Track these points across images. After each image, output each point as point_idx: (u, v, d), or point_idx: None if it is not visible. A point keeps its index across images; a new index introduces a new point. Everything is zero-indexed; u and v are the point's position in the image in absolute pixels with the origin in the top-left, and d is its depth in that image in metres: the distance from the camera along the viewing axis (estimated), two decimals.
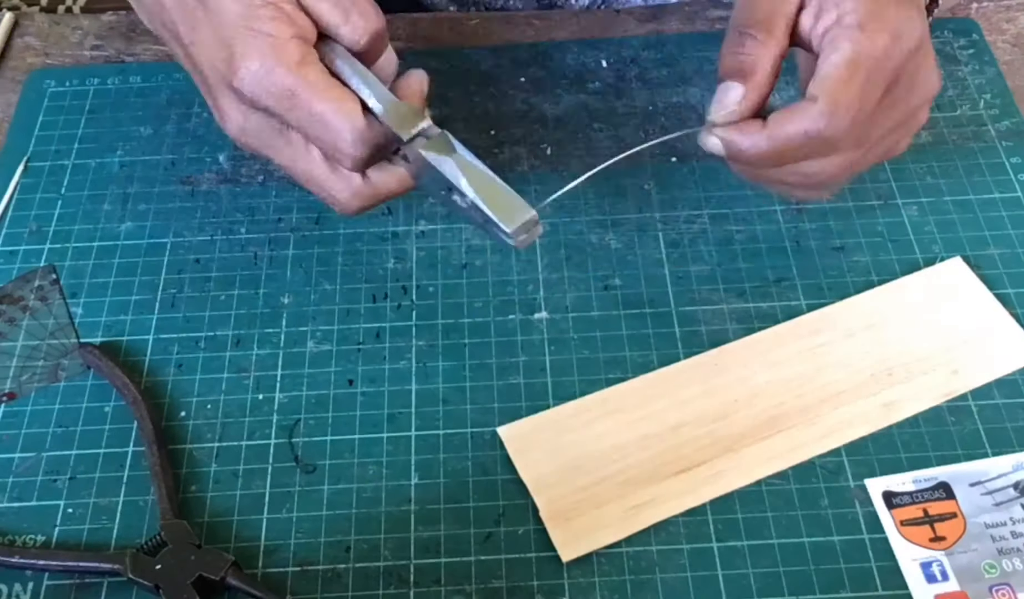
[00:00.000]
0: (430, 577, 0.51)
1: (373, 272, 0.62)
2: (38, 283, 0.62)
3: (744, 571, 0.51)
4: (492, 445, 0.55)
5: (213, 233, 0.64)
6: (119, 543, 0.52)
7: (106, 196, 0.66)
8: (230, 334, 0.60)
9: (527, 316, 0.60)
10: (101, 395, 0.57)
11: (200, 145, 0.69)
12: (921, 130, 0.67)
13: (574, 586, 0.50)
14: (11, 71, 0.74)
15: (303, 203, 0.65)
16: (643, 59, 0.72)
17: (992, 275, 0.61)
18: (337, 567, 0.51)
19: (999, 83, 0.70)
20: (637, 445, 0.54)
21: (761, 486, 0.53)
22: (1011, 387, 0.56)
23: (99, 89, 0.72)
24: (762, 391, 0.56)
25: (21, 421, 0.57)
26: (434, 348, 0.59)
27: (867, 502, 0.53)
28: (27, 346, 0.59)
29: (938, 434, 0.55)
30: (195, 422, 0.56)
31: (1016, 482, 0.53)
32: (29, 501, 0.54)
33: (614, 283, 0.61)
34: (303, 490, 0.54)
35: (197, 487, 0.54)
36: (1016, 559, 0.50)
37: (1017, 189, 0.65)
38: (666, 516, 0.52)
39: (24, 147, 0.69)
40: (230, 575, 0.50)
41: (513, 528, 0.52)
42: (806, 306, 0.60)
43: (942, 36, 0.73)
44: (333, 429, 0.56)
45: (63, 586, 0.51)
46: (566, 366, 0.58)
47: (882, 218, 0.64)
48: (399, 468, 0.54)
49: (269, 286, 0.62)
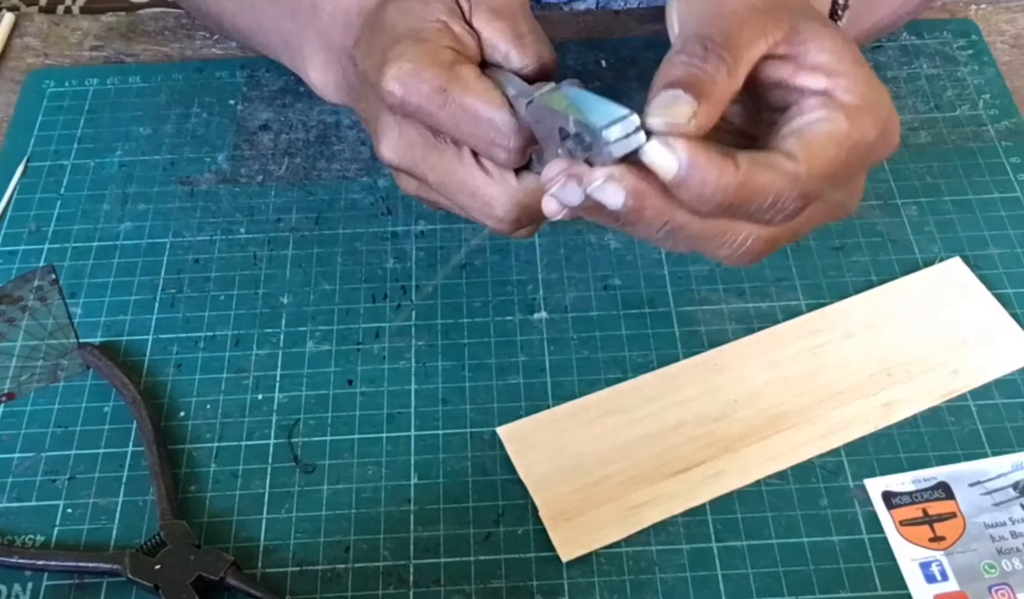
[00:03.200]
0: (429, 577, 0.51)
1: (372, 272, 0.62)
2: (37, 283, 0.62)
3: (744, 571, 0.51)
4: (491, 445, 0.55)
5: (212, 233, 0.64)
6: (118, 543, 0.52)
7: (105, 196, 0.66)
8: (229, 334, 0.60)
9: (526, 316, 0.60)
10: (100, 395, 0.57)
11: (199, 145, 0.69)
12: (921, 130, 0.68)
13: (574, 586, 0.50)
14: (10, 71, 0.74)
15: (302, 203, 0.65)
16: (643, 59, 0.72)
17: (991, 275, 0.61)
18: (336, 567, 0.51)
19: (998, 83, 0.70)
20: (637, 445, 0.54)
21: (761, 486, 0.53)
22: (1011, 387, 0.56)
23: (98, 89, 0.72)
24: (761, 391, 0.56)
25: (20, 421, 0.57)
26: (433, 348, 0.59)
27: (866, 502, 0.53)
28: (26, 346, 0.59)
29: (938, 434, 0.55)
30: (194, 422, 0.56)
31: (1015, 482, 0.53)
32: (28, 501, 0.54)
33: (613, 283, 0.61)
34: (302, 490, 0.54)
35: (196, 487, 0.54)
36: (1015, 559, 0.50)
37: (1016, 189, 0.65)
38: (666, 516, 0.52)
39: (23, 147, 0.69)
40: (229, 575, 0.50)
41: (513, 528, 0.52)
42: (805, 306, 0.60)
43: (941, 36, 0.73)
44: (332, 429, 0.56)
45: (62, 586, 0.51)
46: (565, 366, 0.58)
47: (881, 218, 0.64)
48: (398, 468, 0.54)
49: (268, 286, 0.62)
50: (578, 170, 0.44)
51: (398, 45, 0.49)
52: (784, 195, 0.43)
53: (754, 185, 0.43)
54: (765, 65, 0.46)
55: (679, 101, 0.43)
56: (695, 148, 0.42)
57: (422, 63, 0.48)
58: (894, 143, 0.47)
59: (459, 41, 0.50)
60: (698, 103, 0.42)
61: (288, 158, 0.68)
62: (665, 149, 0.42)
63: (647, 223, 0.44)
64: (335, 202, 0.65)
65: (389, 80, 0.49)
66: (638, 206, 0.43)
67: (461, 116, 0.48)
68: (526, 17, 0.52)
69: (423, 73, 0.48)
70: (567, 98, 0.45)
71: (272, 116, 0.70)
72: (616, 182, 0.43)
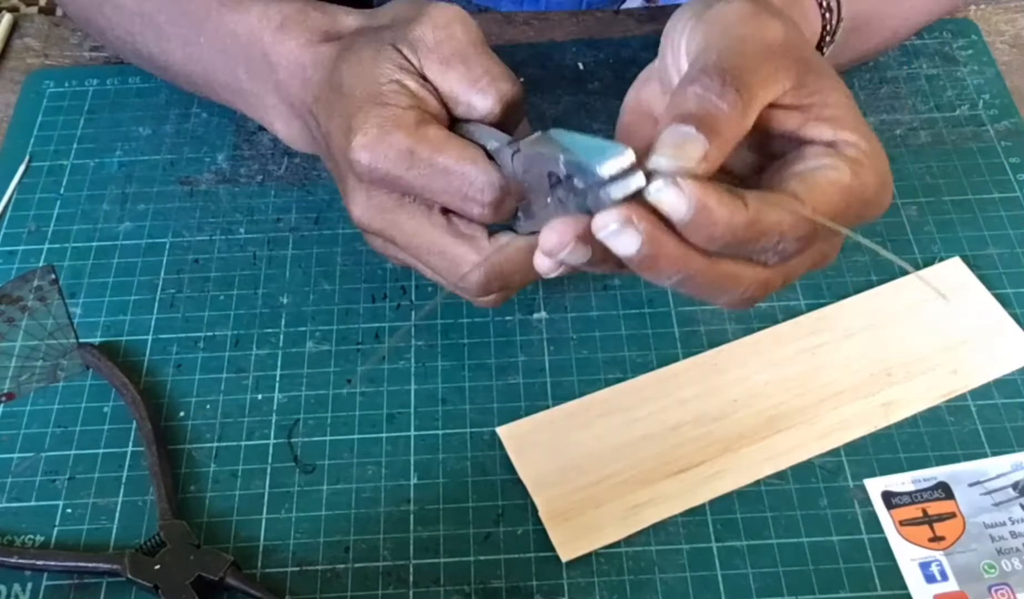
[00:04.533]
0: (429, 577, 0.51)
1: (372, 272, 0.62)
2: (37, 283, 0.62)
3: (743, 571, 0.51)
4: (491, 445, 0.55)
5: (212, 233, 0.64)
6: (118, 543, 0.52)
7: (105, 196, 0.66)
8: (229, 334, 0.60)
9: (526, 316, 0.60)
10: (100, 395, 0.57)
11: (199, 145, 0.69)
12: (920, 130, 0.68)
13: (573, 586, 0.50)
14: (10, 72, 0.74)
15: (302, 203, 0.65)
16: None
17: (991, 275, 0.61)
18: (336, 567, 0.51)
19: (998, 83, 0.70)
20: (636, 445, 0.54)
21: (760, 486, 0.53)
22: (1010, 387, 0.56)
23: (98, 90, 0.72)
24: (761, 391, 0.56)
25: (20, 421, 0.57)
26: (433, 348, 0.59)
27: (866, 502, 0.53)
28: (26, 346, 0.59)
29: (937, 434, 0.55)
30: (194, 422, 0.56)
31: (1015, 482, 0.53)
32: (28, 501, 0.54)
33: (613, 283, 0.61)
34: (302, 490, 0.54)
35: (196, 487, 0.54)
36: (1015, 559, 0.50)
37: (1016, 189, 0.65)
38: (665, 516, 0.52)
39: (23, 147, 0.69)
40: (229, 575, 0.50)
41: (512, 528, 0.52)
42: (805, 306, 0.60)
43: (941, 36, 0.73)
44: (332, 429, 0.56)
45: (62, 586, 0.51)
46: (565, 366, 0.58)
47: (881, 218, 0.63)
48: (398, 468, 0.54)
49: (268, 286, 0.62)
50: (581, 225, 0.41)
51: (360, 112, 0.49)
52: (788, 235, 0.42)
53: (762, 225, 0.42)
54: (772, 113, 0.45)
55: (690, 140, 0.41)
56: (704, 189, 0.40)
57: (386, 129, 0.48)
58: (886, 203, 0.46)
59: (418, 98, 0.50)
60: (709, 143, 0.41)
61: (288, 158, 0.68)
62: (674, 190, 0.40)
63: (660, 270, 0.42)
64: (335, 202, 0.65)
65: (356, 150, 0.49)
66: (653, 253, 0.41)
67: (430, 175, 0.48)
68: (479, 57, 0.51)
69: (388, 138, 0.48)
70: (555, 140, 0.43)
71: None
72: (633, 227, 0.40)
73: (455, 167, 0.48)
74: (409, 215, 0.50)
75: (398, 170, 0.48)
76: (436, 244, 0.50)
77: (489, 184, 0.48)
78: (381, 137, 0.48)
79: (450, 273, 0.50)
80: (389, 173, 0.49)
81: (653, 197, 0.40)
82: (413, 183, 0.49)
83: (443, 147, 0.48)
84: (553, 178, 0.43)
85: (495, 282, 0.50)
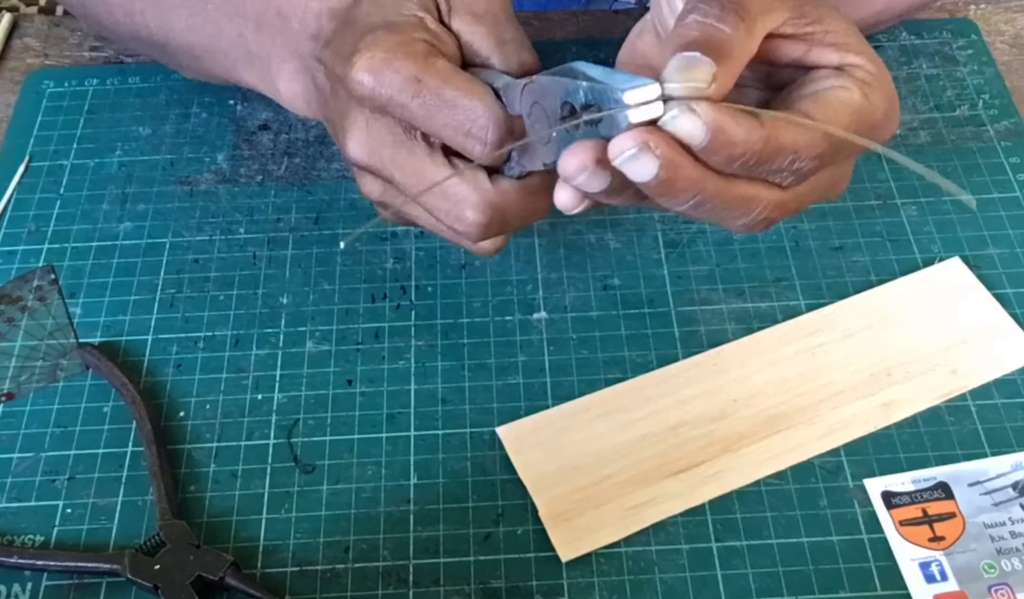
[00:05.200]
0: (429, 577, 0.51)
1: (372, 272, 0.62)
2: (37, 283, 0.62)
3: (743, 571, 0.51)
4: (491, 445, 0.55)
5: (212, 233, 0.64)
6: (118, 543, 0.52)
7: (105, 196, 0.66)
8: (229, 334, 0.60)
9: (526, 316, 0.60)
10: (100, 395, 0.57)
11: (199, 145, 0.69)
12: (920, 130, 0.68)
13: (573, 586, 0.50)
14: (10, 72, 0.74)
15: (302, 203, 0.65)
16: None
17: (991, 275, 0.61)
18: (336, 567, 0.51)
19: (998, 83, 0.70)
20: (636, 445, 0.54)
21: (760, 486, 0.53)
22: (1010, 387, 0.56)
23: (98, 90, 0.72)
24: (761, 391, 0.56)
25: (20, 421, 0.57)
26: (433, 348, 0.59)
27: (866, 502, 0.53)
28: (26, 346, 0.59)
29: (937, 434, 0.55)
30: (194, 422, 0.56)
31: (1015, 482, 0.53)
32: (28, 501, 0.54)
33: (613, 283, 0.61)
34: (302, 490, 0.54)
35: (196, 487, 0.54)
36: (1015, 559, 0.50)
37: (1016, 189, 0.65)
38: (665, 516, 0.52)
39: (23, 147, 0.69)
40: (229, 575, 0.50)
41: (512, 528, 0.52)
42: (805, 306, 0.60)
43: (941, 36, 0.73)
44: (332, 429, 0.56)
45: (62, 586, 0.51)
46: (565, 366, 0.58)
47: (881, 218, 0.64)
48: (398, 468, 0.54)
49: (268, 286, 0.62)
50: (599, 148, 0.41)
51: (370, 35, 0.48)
52: (804, 153, 0.43)
53: (779, 141, 0.42)
54: (775, 44, 0.46)
55: (698, 64, 0.41)
56: (719, 110, 0.40)
57: (394, 53, 0.47)
58: (894, 127, 0.47)
59: (435, 36, 0.49)
60: (717, 65, 0.41)
61: (288, 158, 0.68)
62: (689, 115, 0.40)
63: (677, 194, 0.42)
64: (335, 202, 0.65)
65: (359, 70, 0.47)
66: (671, 176, 0.41)
67: (435, 106, 0.47)
68: (508, 22, 0.50)
69: (395, 62, 0.47)
70: (577, 70, 0.43)
71: (272, 116, 0.70)
72: (650, 151, 0.40)
73: (462, 101, 0.46)
74: (409, 151, 0.48)
75: (402, 97, 0.47)
76: (437, 182, 0.48)
77: (495, 122, 0.47)
78: (388, 60, 0.47)
79: (449, 215, 0.49)
80: (392, 99, 0.47)
81: (670, 125, 0.40)
82: (416, 113, 0.47)
83: (451, 79, 0.47)
84: (566, 108, 0.43)
85: (496, 223, 0.49)
